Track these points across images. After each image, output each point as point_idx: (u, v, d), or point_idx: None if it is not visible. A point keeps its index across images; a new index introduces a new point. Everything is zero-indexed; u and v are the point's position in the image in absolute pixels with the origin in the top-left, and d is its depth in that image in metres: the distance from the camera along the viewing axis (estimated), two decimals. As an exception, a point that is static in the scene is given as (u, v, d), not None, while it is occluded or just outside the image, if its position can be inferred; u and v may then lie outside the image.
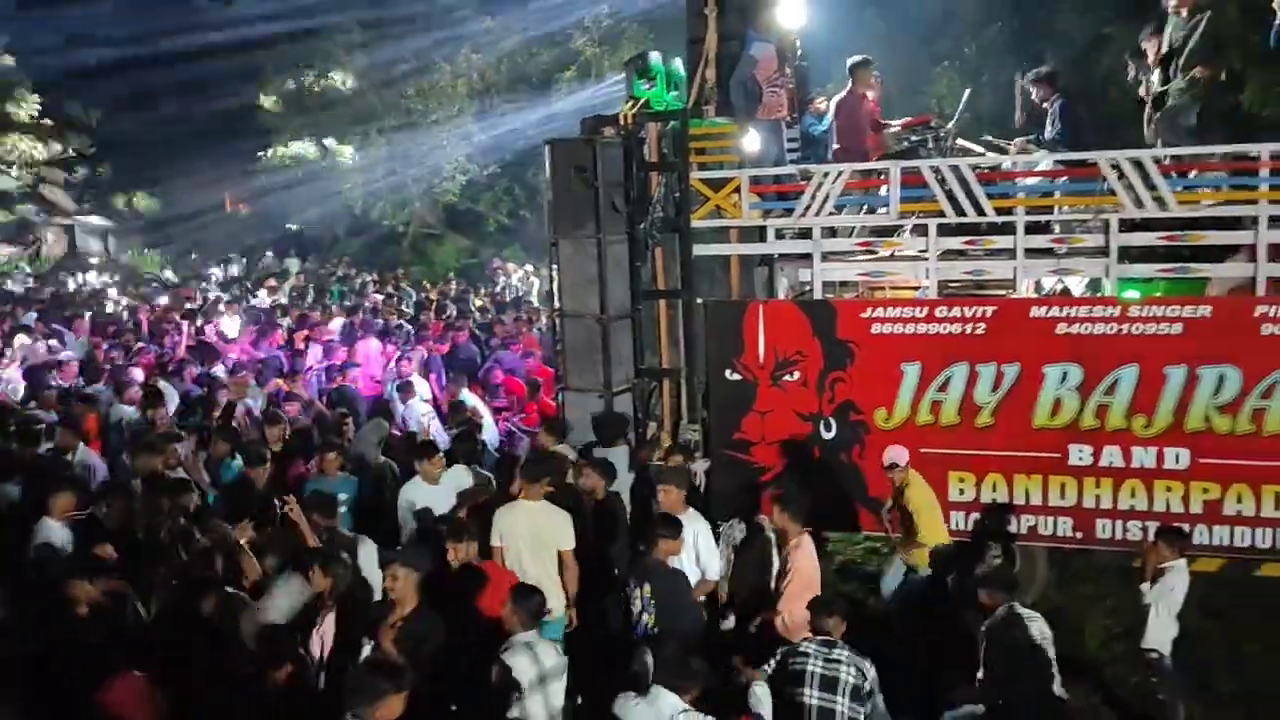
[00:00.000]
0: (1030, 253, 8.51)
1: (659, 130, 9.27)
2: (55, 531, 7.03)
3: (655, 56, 9.50)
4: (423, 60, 26.14)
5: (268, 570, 6.54)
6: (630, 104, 9.30)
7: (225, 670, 5.56)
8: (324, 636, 5.86)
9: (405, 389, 10.99)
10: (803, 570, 6.77)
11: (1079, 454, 8.12)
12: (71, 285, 24.89)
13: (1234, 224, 8.09)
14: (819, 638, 5.76)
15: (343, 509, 7.46)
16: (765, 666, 5.80)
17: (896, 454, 7.82)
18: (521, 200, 26.87)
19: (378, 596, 6.23)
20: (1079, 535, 8.21)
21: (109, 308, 19.99)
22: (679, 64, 9.66)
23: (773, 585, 7.01)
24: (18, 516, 7.51)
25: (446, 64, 25.60)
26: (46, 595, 6.02)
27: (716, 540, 7.46)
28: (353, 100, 26.61)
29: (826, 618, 5.81)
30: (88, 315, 17.45)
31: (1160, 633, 6.68)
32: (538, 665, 5.44)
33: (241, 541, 6.63)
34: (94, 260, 28.57)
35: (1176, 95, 9.11)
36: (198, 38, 28.35)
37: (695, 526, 6.95)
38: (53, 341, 14.50)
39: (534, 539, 6.77)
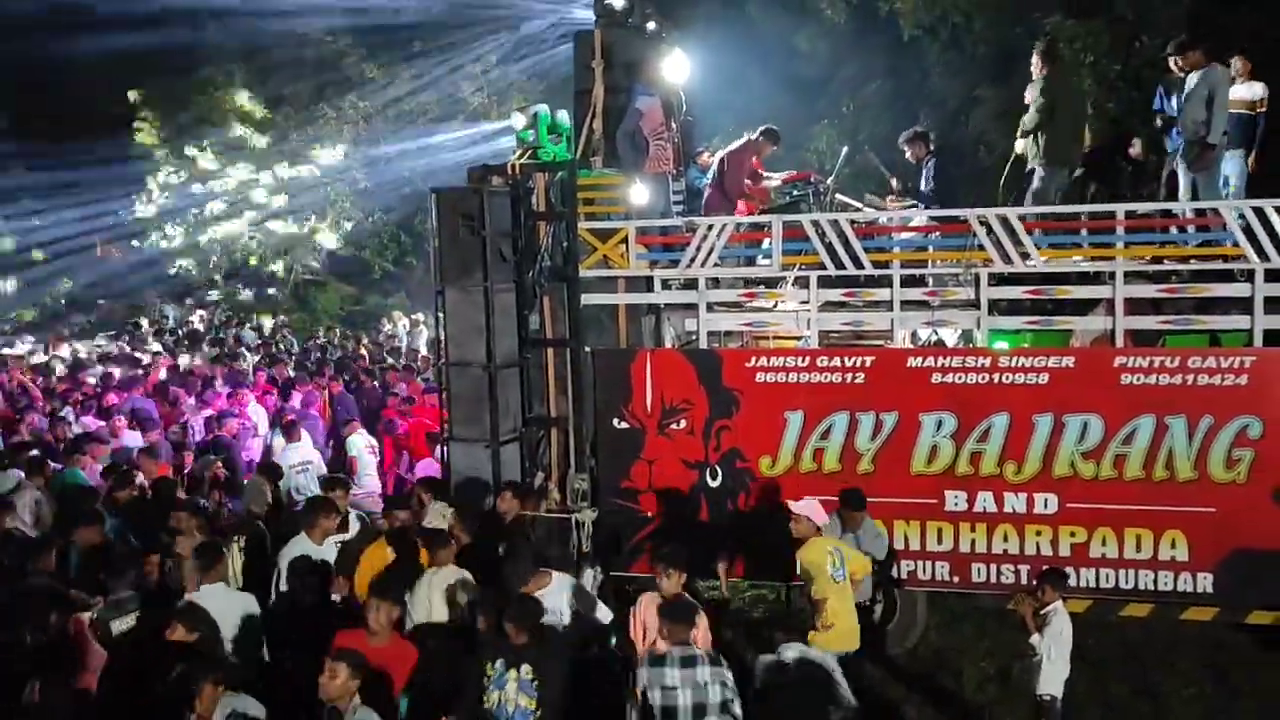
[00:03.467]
0: (906, 305, 8.79)
1: (546, 180, 9.30)
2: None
3: (541, 108, 9.57)
4: (307, 102, 25.75)
5: None
6: (518, 154, 9.33)
7: None
8: None
9: (289, 431, 10.79)
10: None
11: (954, 499, 8.36)
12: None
13: (1094, 279, 8.52)
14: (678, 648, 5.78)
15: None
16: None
17: (802, 506, 7.19)
18: (408, 247, 26.57)
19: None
20: (955, 579, 8.43)
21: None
22: (565, 116, 9.75)
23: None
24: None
25: (331, 109, 25.25)
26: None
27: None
28: (234, 138, 25.94)
29: (678, 624, 5.86)
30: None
31: (1054, 677, 6.79)
32: None
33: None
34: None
35: (1034, 160, 9.64)
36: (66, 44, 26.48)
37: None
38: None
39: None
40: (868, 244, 8.84)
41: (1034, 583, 7.19)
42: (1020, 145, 9.85)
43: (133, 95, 26.19)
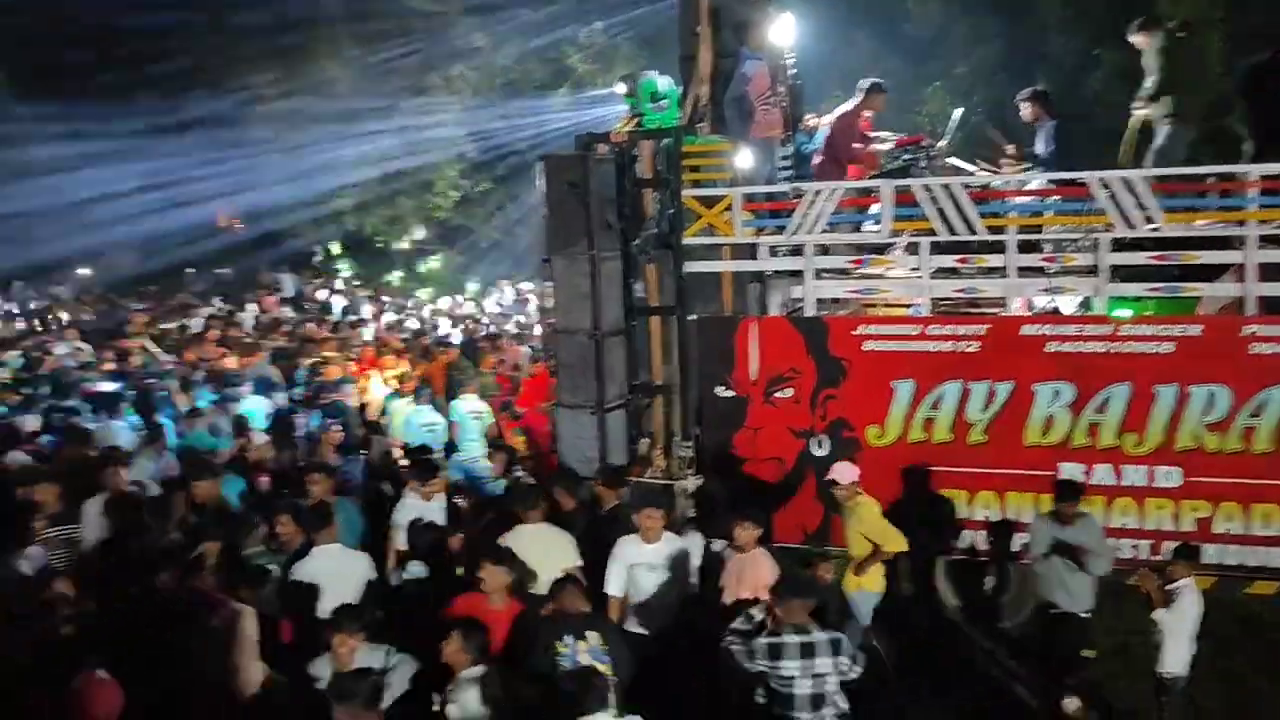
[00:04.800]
0: (1021, 271, 8.55)
1: (652, 147, 9.29)
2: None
3: (652, 75, 9.52)
4: (416, 73, 26.14)
5: None
6: (624, 121, 9.33)
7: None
8: None
9: (417, 394, 11.46)
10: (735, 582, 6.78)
11: (1070, 471, 8.13)
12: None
13: (1223, 243, 8.14)
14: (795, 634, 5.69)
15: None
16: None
17: (840, 471, 7.62)
18: (515, 216, 26.87)
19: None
20: (1071, 553, 8.22)
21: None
22: (671, 82, 9.68)
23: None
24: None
25: (440, 78, 25.58)
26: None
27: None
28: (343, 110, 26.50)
29: (796, 602, 5.76)
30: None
31: (1178, 655, 6.64)
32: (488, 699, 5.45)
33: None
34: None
35: (1159, 122, 9.22)
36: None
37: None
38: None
39: (542, 560, 6.83)
40: (982, 208, 8.59)
41: (1162, 558, 7.00)
42: (1142, 112, 9.42)
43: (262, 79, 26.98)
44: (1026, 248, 8.56)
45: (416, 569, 7.65)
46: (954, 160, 9.95)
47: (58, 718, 5.32)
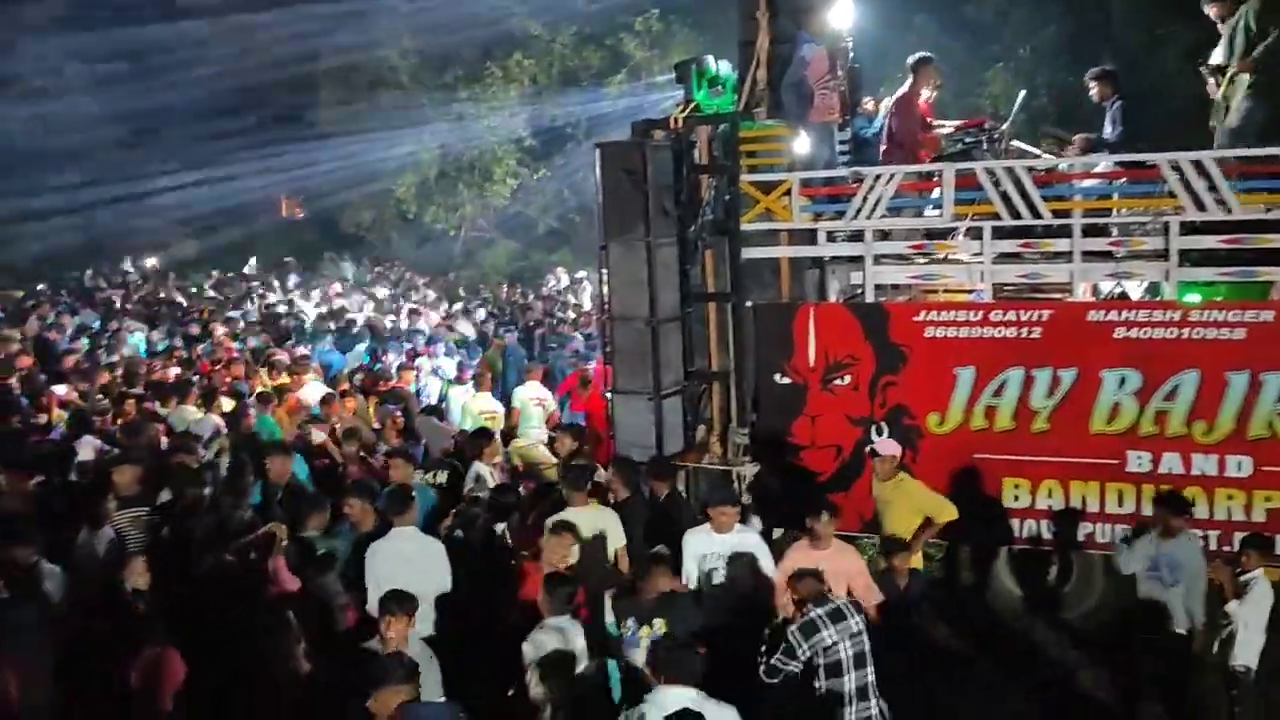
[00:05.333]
0: (1088, 256, 8.38)
1: (709, 133, 9.25)
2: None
3: (709, 61, 9.47)
4: (473, 63, 26.30)
5: None
6: (681, 107, 9.29)
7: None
8: None
9: (478, 380, 11.71)
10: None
11: (1137, 460, 7.97)
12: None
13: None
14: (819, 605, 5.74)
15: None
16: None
17: (883, 444, 7.73)
18: (571, 204, 26.94)
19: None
20: (1137, 543, 8.05)
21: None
22: (728, 67, 9.62)
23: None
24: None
25: (497, 67, 25.71)
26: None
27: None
28: (403, 99, 26.74)
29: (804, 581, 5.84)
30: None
31: (1250, 647, 6.50)
32: (567, 646, 5.71)
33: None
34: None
35: (1238, 99, 8.91)
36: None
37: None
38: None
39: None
40: (1046, 192, 8.43)
41: (1231, 549, 6.83)
42: (1217, 90, 9.13)
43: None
44: (1092, 231, 8.37)
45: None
46: (1018, 143, 9.76)
47: (125, 689, 5.49)
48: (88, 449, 9.42)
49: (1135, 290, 8.93)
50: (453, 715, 4.99)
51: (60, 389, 11.66)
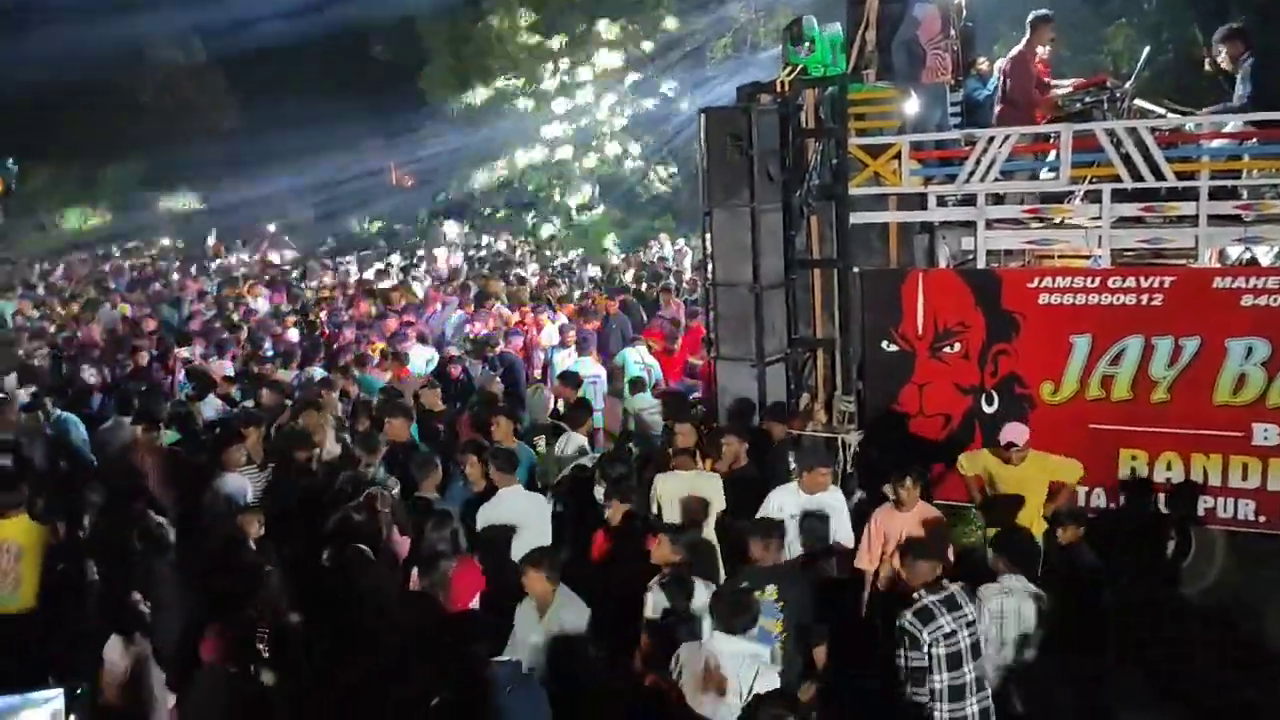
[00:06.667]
0: (1214, 220, 8.04)
1: (816, 96, 9.11)
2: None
3: (810, 21, 9.29)
4: (579, 28, 26.33)
5: None
6: (787, 70, 9.16)
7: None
8: None
9: (581, 346, 11.71)
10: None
11: (1264, 434, 7.65)
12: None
13: None
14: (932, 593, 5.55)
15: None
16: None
17: (1015, 432, 7.22)
18: (675, 171, 26.85)
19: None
20: (1262, 519, 7.74)
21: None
22: (838, 27, 9.44)
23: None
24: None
25: (603, 33, 25.69)
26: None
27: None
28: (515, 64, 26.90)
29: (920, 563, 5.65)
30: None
31: None
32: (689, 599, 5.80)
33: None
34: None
35: None
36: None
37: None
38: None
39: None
40: (1170, 153, 8.09)
41: None
42: None
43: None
44: (1220, 194, 8.02)
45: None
46: (1140, 102, 9.37)
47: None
48: (210, 409, 9.86)
49: (1265, 256, 8.53)
50: (516, 673, 5.14)
51: (184, 351, 12.21)
